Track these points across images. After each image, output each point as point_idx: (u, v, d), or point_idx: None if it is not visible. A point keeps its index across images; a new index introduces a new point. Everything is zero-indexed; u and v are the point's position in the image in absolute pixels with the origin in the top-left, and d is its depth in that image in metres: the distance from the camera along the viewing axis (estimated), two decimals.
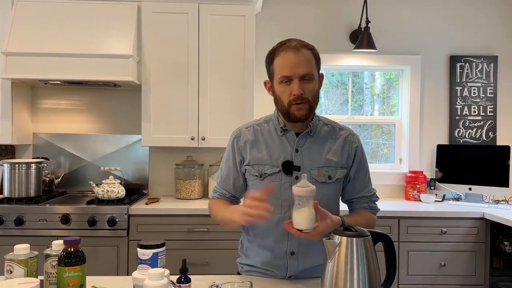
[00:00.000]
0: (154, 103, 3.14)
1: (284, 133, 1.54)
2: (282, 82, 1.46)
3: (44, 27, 3.00)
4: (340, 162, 1.53)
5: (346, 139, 1.57)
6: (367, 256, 1.16)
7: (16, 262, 1.09)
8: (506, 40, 3.64)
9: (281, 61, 1.45)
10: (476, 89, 3.59)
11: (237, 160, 1.58)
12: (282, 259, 1.53)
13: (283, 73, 1.44)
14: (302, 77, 1.43)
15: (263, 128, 1.58)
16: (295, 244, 1.51)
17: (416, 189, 3.43)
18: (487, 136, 3.59)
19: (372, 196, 1.62)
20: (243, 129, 1.61)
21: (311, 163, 1.50)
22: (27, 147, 3.43)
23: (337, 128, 1.61)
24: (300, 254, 1.52)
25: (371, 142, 3.74)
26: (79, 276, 1.09)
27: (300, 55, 1.44)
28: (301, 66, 1.43)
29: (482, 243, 2.99)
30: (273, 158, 1.51)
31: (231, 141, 1.62)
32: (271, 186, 1.35)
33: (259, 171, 1.52)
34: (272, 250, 1.53)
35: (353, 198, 1.60)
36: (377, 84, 3.81)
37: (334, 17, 3.57)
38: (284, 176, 1.50)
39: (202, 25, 3.13)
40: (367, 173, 1.62)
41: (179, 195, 3.28)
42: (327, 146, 1.54)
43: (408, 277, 2.97)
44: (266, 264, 1.55)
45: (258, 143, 1.55)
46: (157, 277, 1.07)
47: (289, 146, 1.52)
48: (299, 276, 1.54)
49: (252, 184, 1.56)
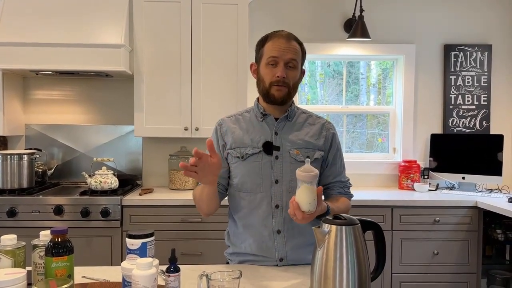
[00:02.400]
0: (146, 93, 3.12)
1: (264, 118, 1.62)
2: (268, 63, 1.55)
3: (35, 17, 2.96)
4: (317, 145, 1.61)
5: (323, 126, 1.66)
6: (356, 244, 1.15)
7: (3, 253, 1.08)
8: (500, 29, 3.62)
9: (271, 45, 1.56)
10: (470, 78, 3.59)
11: (220, 145, 1.64)
12: (270, 239, 1.56)
13: (272, 53, 1.54)
14: (287, 62, 1.54)
15: (244, 117, 1.67)
16: (280, 222, 1.55)
17: (409, 178, 3.43)
18: (481, 125, 3.59)
19: (346, 182, 1.70)
20: (225, 118, 1.69)
21: (290, 144, 1.59)
22: (19, 138, 3.41)
23: (314, 116, 1.70)
24: (286, 232, 1.56)
25: (367, 132, 3.73)
26: (66, 266, 1.08)
27: (289, 43, 1.56)
28: (289, 52, 1.54)
29: (475, 232, 3.00)
30: (254, 141, 1.59)
31: (214, 129, 1.69)
32: (209, 141, 1.37)
33: (241, 153, 1.59)
34: (258, 230, 1.57)
35: (330, 183, 1.66)
36: (373, 74, 3.80)
37: (328, 6, 3.55)
38: (264, 156, 1.57)
39: (195, 14, 3.10)
40: (342, 160, 1.71)
41: (173, 185, 3.27)
42: (305, 130, 1.63)
43: (401, 266, 2.99)
44: (255, 248, 1.57)
45: (240, 129, 1.63)
46: (145, 266, 1.06)
47: (268, 129, 1.61)
48: (290, 259, 1.56)
49: (234, 166, 1.61)
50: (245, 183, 1.57)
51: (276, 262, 1.56)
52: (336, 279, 1.14)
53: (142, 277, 1.05)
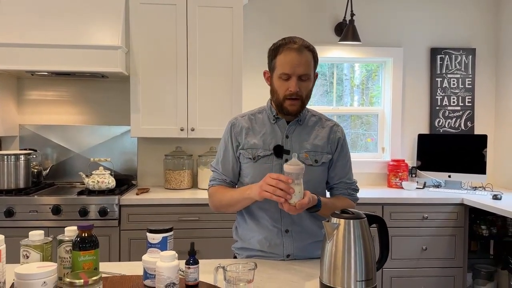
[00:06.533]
0: (143, 94, 3.16)
1: (276, 121, 1.68)
2: (280, 78, 1.57)
3: (31, 17, 2.98)
4: (325, 148, 1.67)
5: (332, 129, 1.71)
6: (363, 236, 1.24)
7: (32, 248, 1.13)
8: (483, 34, 3.78)
9: (283, 59, 1.57)
10: (455, 80, 3.73)
11: (234, 145, 1.69)
12: (278, 237, 1.63)
13: (284, 70, 1.56)
14: (299, 76, 1.56)
15: (257, 117, 1.72)
16: (288, 222, 1.62)
17: (398, 177, 3.55)
18: (465, 126, 3.74)
19: (352, 184, 1.74)
20: (238, 118, 1.74)
21: (300, 147, 1.64)
22: (14, 139, 3.41)
23: (324, 119, 1.75)
24: (294, 232, 1.63)
25: (351, 132, 3.85)
26: (93, 260, 1.14)
27: (301, 56, 1.56)
28: (301, 66, 1.55)
29: (461, 228, 3.13)
30: (266, 143, 1.65)
31: (228, 128, 1.72)
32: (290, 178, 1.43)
33: (253, 154, 1.65)
34: (268, 229, 1.64)
35: (334, 184, 1.73)
36: (357, 76, 3.91)
37: (319, 10, 3.65)
38: (275, 158, 1.63)
39: (190, 17, 3.15)
40: (349, 162, 1.75)
41: (169, 185, 3.32)
42: (314, 134, 1.68)
43: (391, 261, 3.09)
44: (263, 245, 1.64)
45: (253, 130, 1.68)
46: (169, 259, 1.13)
47: (280, 132, 1.66)
48: (296, 255, 1.64)
49: (246, 166, 1.67)
50: (255, 183, 1.61)
51: (283, 257, 1.64)
52: (344, 269, 1.22)
53: (166, 269, 1.12)
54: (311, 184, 1.56)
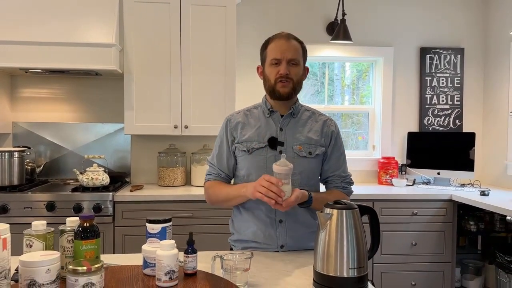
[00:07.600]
0: (136, 91, 3.18)
1: (271, 115, 1.73)
2: (272, 64, 1.66)
3: (26, 15, 2.98)
4: (319, 141, 1.72)
5: (325, 123, 1.77)
6: (355, 226, 1.28)
7: (35, 237, 1.16)
8: (472, 33, 3.86)
9: (273, 47, 1.68)
10: (444, 79, 3.81)
11: (229, 140, 1.75)
12: (272, 228, 1.68)
13: (274, 55, 1.65)
14: (289, 60, 1.64)
15: (252, 112, 1.78)
16: (282, 212, 1.66)
17: (388, 174, 3.62)
18: (454, 124, 3.81)
19: (346, 177, 1.79)
20: (234, 114, 1.80)
21: (293, 140, 1.69)
22: (7, 136, 3.42)
23: (317, 113, 1.81)
24: (287, 222, 1.68)
25: (342, 131, 3.90)
26: (95, 249, 1.17)
27: (290, 43, 1.67)
28: (290, 51, 1.65)
29: (449, 223, 3.20)
30: (260, 136, 1.70)
31: (224, 124, 1.78)
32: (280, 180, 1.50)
33: (247, 147, 1.70)
34: (261, 219, 1.69)
35: (328, 177, 1.78)
36: (347, 75, 3.97)
37: (311, 9, 3.70)
38: (269, 150, 1.68)
39: (184, 15, 3.18)
40: (343, 155, 1.81)
41: (162, 182, 3.34)
42: (308, 127, 1.73)
43: (382, 256, 3.16)
44: (258, 236, 1.69)
45: (248, 124, 1.74)
46: (168, 247, 1.17)
47: (274, 125, 1.72)
48: (290, 245, 1.68)
49: (241, 159, 1.72)
50: (251, 175, 1.68)
51: (277, 248, 1.68)
52: (337, 257, 1.26)
53: (166, 257, 1.16)
54: (304, 175, 1.64)
